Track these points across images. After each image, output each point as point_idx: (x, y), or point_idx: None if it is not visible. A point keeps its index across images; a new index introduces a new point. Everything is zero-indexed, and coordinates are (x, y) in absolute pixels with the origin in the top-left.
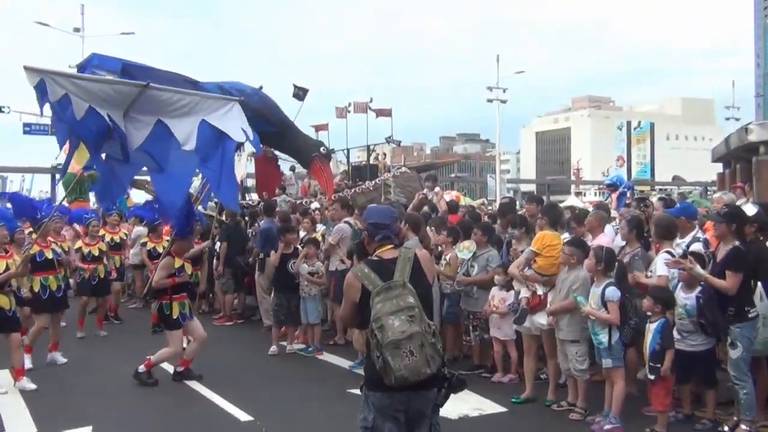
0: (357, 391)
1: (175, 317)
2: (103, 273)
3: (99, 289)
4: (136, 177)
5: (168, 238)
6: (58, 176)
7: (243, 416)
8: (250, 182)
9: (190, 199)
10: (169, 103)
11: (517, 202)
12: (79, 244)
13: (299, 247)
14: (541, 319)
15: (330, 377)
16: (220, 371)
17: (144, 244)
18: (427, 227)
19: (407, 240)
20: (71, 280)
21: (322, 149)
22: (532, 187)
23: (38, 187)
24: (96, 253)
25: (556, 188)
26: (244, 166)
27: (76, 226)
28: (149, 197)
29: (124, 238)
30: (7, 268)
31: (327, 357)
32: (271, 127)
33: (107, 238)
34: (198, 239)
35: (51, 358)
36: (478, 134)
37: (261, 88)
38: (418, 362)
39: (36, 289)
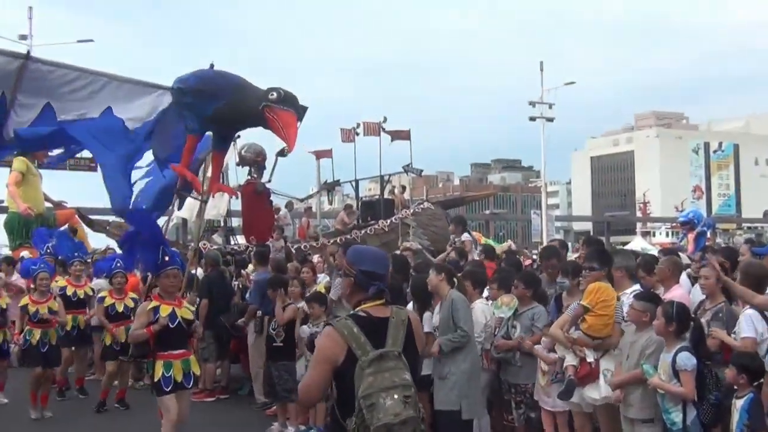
0: None
1: (156, 380)
2: (55, 338)
3: (49, 357)
4: (93, 217)
5: (133, 295)
6: None
7: None
8: (236, 222)
9: (159, 229)
10: (63, 82)
11: (569, 245)
12: (24, 300)
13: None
14: (593, 393)
15: None
16: None
17: (102, 299)
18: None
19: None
20: (12, 345)
21: (271, 95)
22: (587, 226)
23: None
24: (45, 312)
25: (617, 227)
26: (226, 202)
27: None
28: (111, 243)
29: (91, 294)
30: None
31: None
32: (219, 101)
33: (69, 291)
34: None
35: None
36: (519, 160)
37: (212, 66)
38: None
39: None
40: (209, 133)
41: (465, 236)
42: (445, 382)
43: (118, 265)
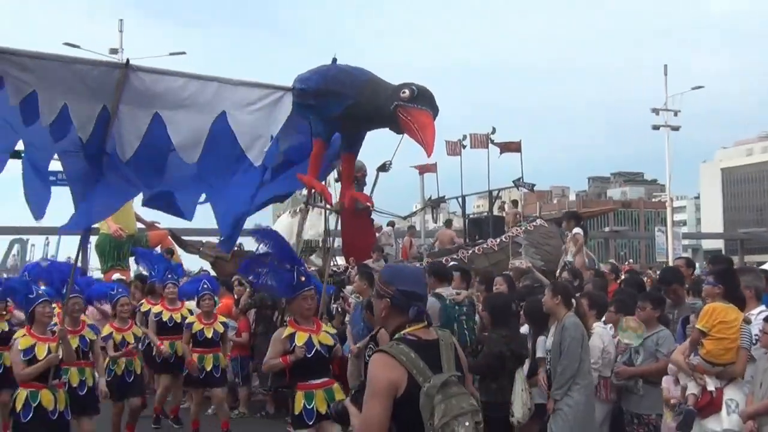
0: None
1: (296, 412)
2: (140, 367)
3: (134, 388)
4: (186, 238)
5: (223, 319)
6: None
7: None
8: (336, 242)
9: (290, 247)
10: (169, 90)
11: (697, 265)
12: (107, 329)
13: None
14: (714, 425)
15: None
16: None
17: (190, 326)
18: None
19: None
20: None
21: (403, 93)
22: (718, 244)
23: (65, 252)
24: (131, 339)
25: (752, 245)
26: (322, 222)
27: (99, 306)
28: (205, 265)
29: (188, 316)
30: (49, 352)
31: None
32: (345, 101)
33: (165, 316)
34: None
35: None
36: (642, 173)
37: (334, 60)
38: None
39: None
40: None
41: (576, 230)
42: (558, 414)
43: (205, 287)
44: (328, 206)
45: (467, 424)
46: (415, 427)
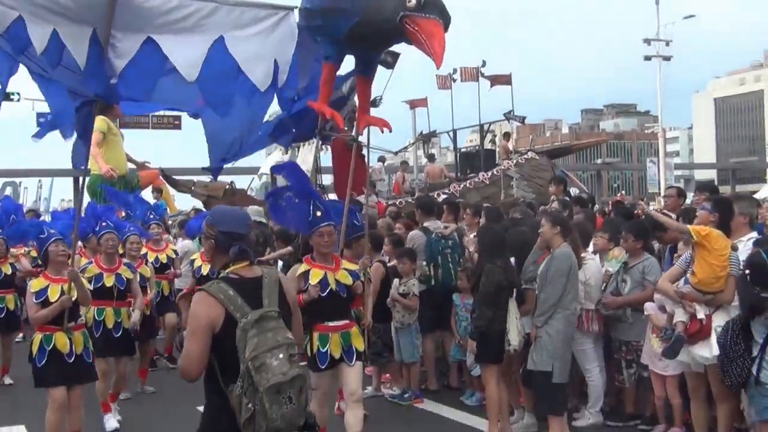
0: None
1: (311, 354)
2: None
3: (143, 330)
4: (178, 177)
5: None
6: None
7: None
8: (327, 179)
9: (308, 180)
10: (162, 11)
11: (690, 195)
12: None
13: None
14: (704, 351)
15: (433, 431)
16: None
17: (192, 263)
18: None
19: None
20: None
21: (409, 2)
22: (710, 174)
23: (58, 195)
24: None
25: (744, 174)
26: (313, 157)
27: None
28: (198, 204)
29: (173, 256)
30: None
31: (428, 406)
32: (352, 17)
33: (150, 257)
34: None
35: None
36: (634, 105)
37: None
38: (295, 411)
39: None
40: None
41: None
42: (537, 342)
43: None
44: (346, 136)
45: (281, 356)
46: (233, 360)
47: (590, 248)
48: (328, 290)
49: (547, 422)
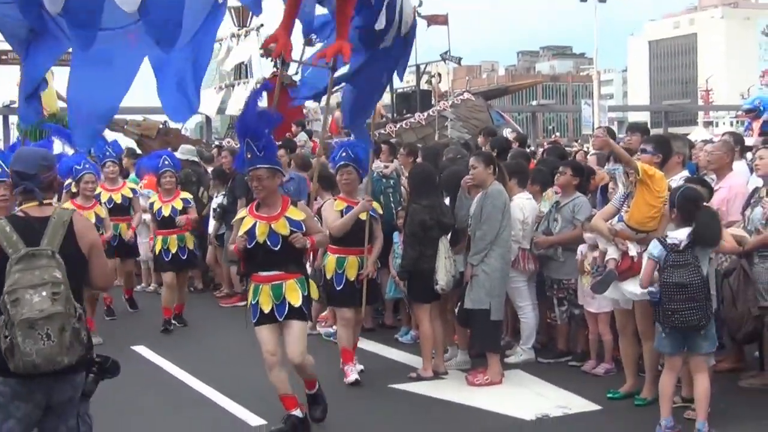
0: (402, 386)
1: (248, 306)
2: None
3: None
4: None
5: (185, 196)
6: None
7: (254, 420)
8: None
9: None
10: None
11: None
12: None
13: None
14: (633, 288)
15: (368, 369)
16: (225, 366)
17: (152, 206)
18: None
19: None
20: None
21: None
22: (644, 116)
23: None
24: (92, 219)
25: (677, 117)
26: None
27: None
28: (131, 144)
29: (129, 196)
30: None
31: (362, 344)
32: None
33: (104, 197)
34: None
35: None
36: (570, 47)
37: None
38: (54, 349)
39: None
40: None
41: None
42: (474, 280)
43: (166, 163)
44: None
45: (44, 293)
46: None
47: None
48: (254, 242)
49: (480, 360)
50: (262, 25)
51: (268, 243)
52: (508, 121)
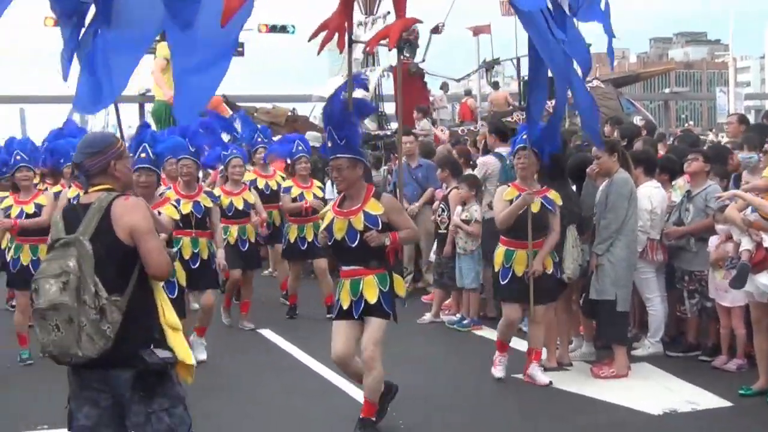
0: (522, 376)
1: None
2: (254, 236)
3: (249, 258)
4: (240, 104)
5: (319, 184)
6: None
7: None
8: (389, 108)
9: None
10: None
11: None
12: (216, 192)
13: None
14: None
15: (490, 358)
16: None
17: (288, 190)
18: None
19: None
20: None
21: None
22: None
23: (125, 121)
24: (240, 206)
25: None
26: (373, 84)
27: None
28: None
29: (281, 183)
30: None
31: (485, 332)
32: None
33: (260, 183)
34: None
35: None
36: (704, 33)
37: None
38: (65, 340)
39: None
40: None
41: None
42: (599, 270)
43: (300, 148)
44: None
45: (59, 284)
46: None
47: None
48: (332, 240)
49: (605, 351)
50: (388, 12)
51: (346, 239)
52: (639, 109)
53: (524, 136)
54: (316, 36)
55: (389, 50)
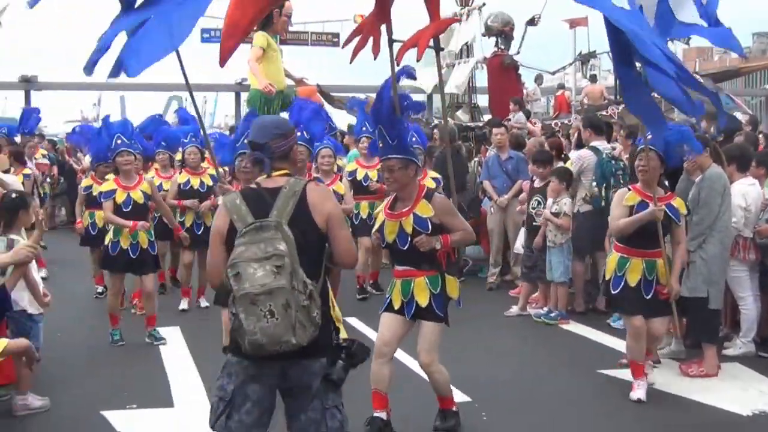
0: (612, 372)
1: None
2: None
3: None
4: (335, 94)
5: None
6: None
7: (459, 396)
8: (482, 100)
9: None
10: None
11: None
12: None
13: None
14: None
15: (577, 353)
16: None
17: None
18: None
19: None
20: None
21: None
22: None
23: (222, 110)
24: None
25: None
26: (466, 76)
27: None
28: (352, 121)
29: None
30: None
31: (572, 327)
32: None
33: (360, 175)
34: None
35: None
36: None
37: None
38: (279, 327)
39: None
40: None
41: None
42: (691, 267)
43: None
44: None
45: (268, 267)
46: None
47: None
48: (384, 242)
49: (694, 350)
50: (484, 4)
51: (397, 242)
52: (740, 105)
53: (648, 136)
54: (350, 42)
55: (417, 60)
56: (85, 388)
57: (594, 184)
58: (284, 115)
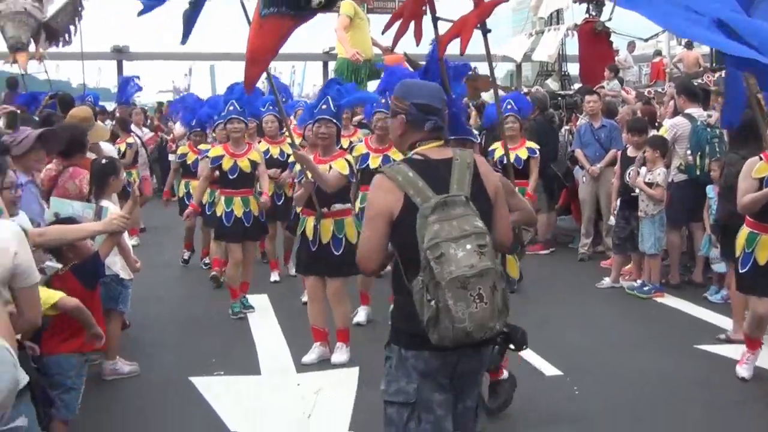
0: (710, 348)
1: None
2: None
3: None
4: (422, 63)
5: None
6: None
7: (550, 370)
8: (573, 68)
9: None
10: None
11: None
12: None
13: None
14: None
15: (672, 327)
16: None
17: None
18: None
19: None
20: None
21: None
22: None
23: (311, 80)
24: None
25: None
26: (557, 43)
27: None
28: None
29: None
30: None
31: (667, 300)
32: None
33: (497, 154)
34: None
35: None
36: None
37: None
38: (486, 312)
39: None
40: None
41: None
42: None
43: (509, 107)
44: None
45: (468, 247)
46: (416, 251)
47: None
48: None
49: None
50: None
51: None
52: None
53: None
54: (389, 27)
55: (461, 54)
56: (173, 354)
57: (689, 152)
58: (372, 84)
